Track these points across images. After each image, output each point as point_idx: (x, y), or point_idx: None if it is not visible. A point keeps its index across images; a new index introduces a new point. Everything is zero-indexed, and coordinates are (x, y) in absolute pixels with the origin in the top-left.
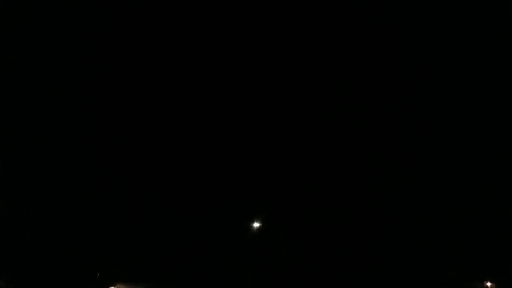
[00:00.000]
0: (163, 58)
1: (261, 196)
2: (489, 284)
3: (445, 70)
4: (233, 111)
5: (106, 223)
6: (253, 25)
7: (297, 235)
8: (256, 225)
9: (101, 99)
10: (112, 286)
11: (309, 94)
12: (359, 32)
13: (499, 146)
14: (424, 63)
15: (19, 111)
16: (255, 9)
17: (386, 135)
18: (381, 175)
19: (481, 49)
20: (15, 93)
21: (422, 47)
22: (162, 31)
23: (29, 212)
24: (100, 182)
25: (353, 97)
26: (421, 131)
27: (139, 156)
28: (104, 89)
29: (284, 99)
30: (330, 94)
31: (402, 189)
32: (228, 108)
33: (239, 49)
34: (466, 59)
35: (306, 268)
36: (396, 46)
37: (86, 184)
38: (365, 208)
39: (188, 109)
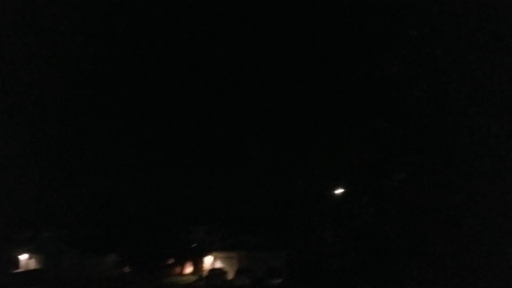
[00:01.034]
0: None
1: (344, 160)
2: None
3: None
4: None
5: (200, 197)
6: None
7: (381, 200)
8: (339, 191)
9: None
10: (208, 254)
11: None
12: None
13: None
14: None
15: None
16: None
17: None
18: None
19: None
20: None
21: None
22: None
23: (135, 192)
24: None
25: None
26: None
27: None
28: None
29: None
30: None
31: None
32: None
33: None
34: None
35: (391, 233)
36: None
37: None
38: (454, 170)
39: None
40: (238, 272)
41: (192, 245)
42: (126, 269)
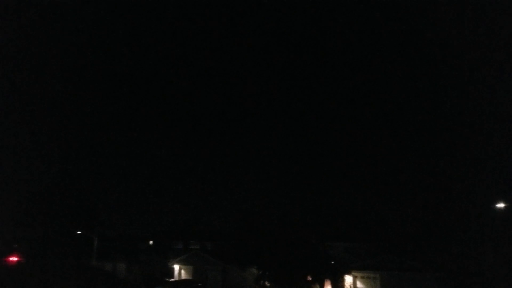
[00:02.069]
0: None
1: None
2: None
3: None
4: None
5: (341, 212)
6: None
7: None
8: (501, 205)
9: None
10: (348, 272)
11: None
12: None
13: None
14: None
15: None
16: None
17: None
18: None
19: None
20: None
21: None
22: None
23: (276, 206)
24: None
25: None
26: None
27: None
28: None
29: None
30: None
31: None
32: None
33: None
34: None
35: None
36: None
37: None
38: None
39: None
40: None
41: (331, 262)
42: (266, 284)
